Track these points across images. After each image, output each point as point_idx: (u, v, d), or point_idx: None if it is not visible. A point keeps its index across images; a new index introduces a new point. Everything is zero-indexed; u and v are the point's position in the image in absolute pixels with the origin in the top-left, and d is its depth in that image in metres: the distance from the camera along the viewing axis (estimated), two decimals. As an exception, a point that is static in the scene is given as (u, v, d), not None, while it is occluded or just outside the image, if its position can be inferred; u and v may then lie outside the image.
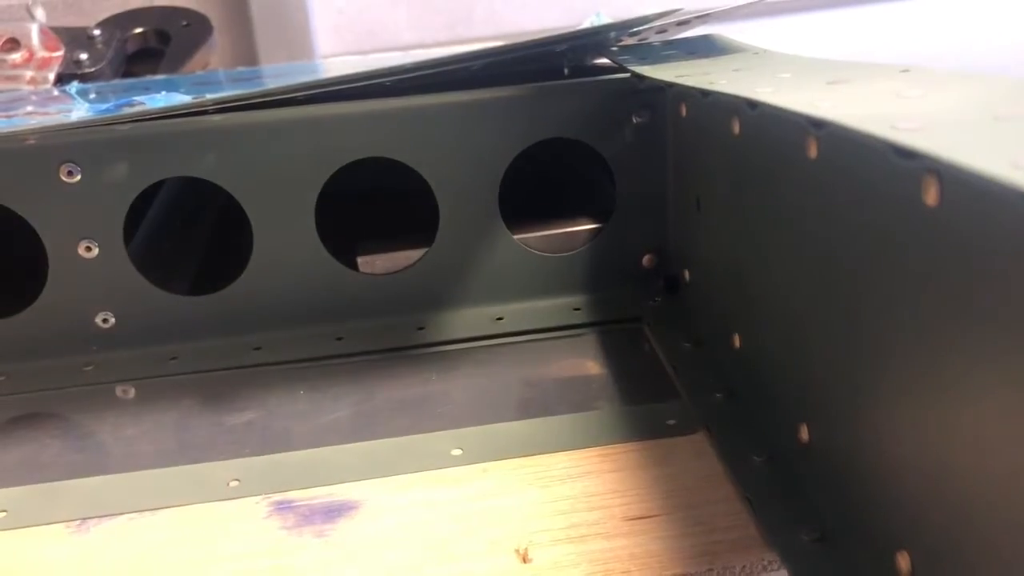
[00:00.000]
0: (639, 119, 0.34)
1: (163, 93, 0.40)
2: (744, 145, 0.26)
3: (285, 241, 0.34)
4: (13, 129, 0.29)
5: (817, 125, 0.20)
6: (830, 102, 0.21)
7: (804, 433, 0.24)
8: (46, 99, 0.53)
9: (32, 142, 0.32)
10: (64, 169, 0.33)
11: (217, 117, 0.32)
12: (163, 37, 0.77)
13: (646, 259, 0.36)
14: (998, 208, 0.14)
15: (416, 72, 0.30)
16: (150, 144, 0.33)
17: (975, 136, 0.17)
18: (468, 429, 0.29)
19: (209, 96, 0.30)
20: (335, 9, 1.03)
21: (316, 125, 0.33)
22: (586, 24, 0.31)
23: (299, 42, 1.00)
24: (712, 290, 0.32)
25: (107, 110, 0.39)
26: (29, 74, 0.69)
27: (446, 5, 1.07)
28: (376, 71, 0.30)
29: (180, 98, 0.39)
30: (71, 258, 0.34)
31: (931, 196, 0.17)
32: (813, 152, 0.22)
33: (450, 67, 0.30)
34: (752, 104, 0.23)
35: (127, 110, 0.35)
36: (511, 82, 0.34)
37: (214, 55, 0.83)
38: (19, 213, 0.33)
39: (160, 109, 0.31)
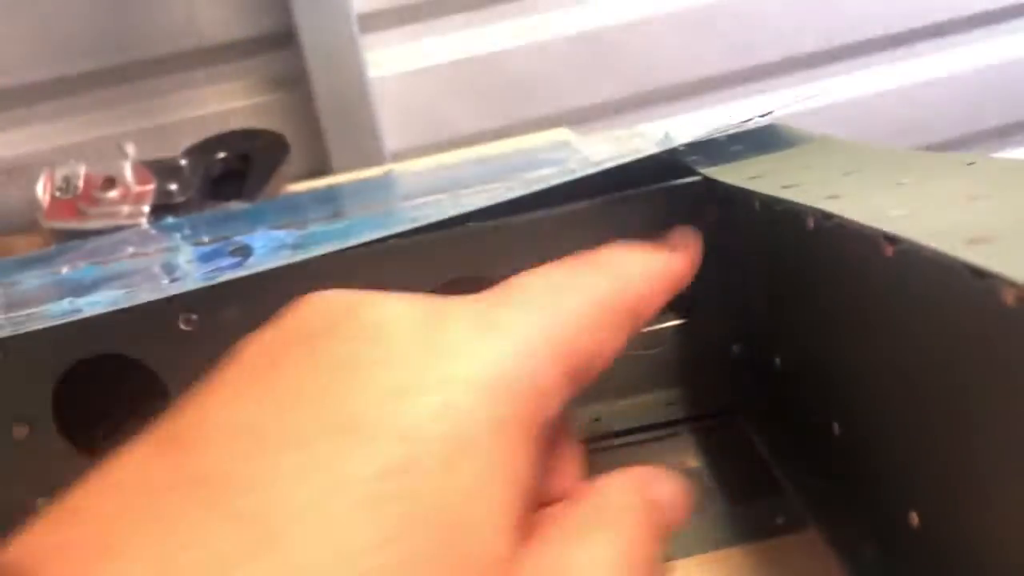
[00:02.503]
0: (713, 216, 0.35)
1: (259, 232, 0.42)
2: (821, 241, 0.27)
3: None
4: (140, 300, 0.32)
5: (891, 240, 0.21)
6: (901, 209, 0.22)
7: (914, 519, 0.25)
8: (145, 239, 0.57)
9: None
10: (183, 318, 0.35)
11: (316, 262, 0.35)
12: (244, 158, 0.81)
13: (736, 348, 0.37)
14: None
15: (493, 205, 0.32)
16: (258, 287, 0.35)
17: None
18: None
19: (308, 250, 0.32)
20: (400, 108, 1.07)
21: (409, 252, 0.35)
22: (653, 148, 0.32)
23: (369, 143, 1.04)
24: (804, 377, 0.33)
25: (211, 253, 0.42)
26: (126, 209, 0.73)
27: (506, 92, 1.10)
28: (455, 217, 0.32)
29: (275, 235, 0.42)
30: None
31: (1010, 299, 0.18)
32: (890, 251, 0.22)
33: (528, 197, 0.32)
34: (826, 216, 0.24)
35: (229, 259, 0.37)
36: (586, 188, 0.35)
37: (291, 165, 0.87)
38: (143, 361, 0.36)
39: (265, 268, 0.33)
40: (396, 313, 0.20)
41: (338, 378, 0.18)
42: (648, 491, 0.24)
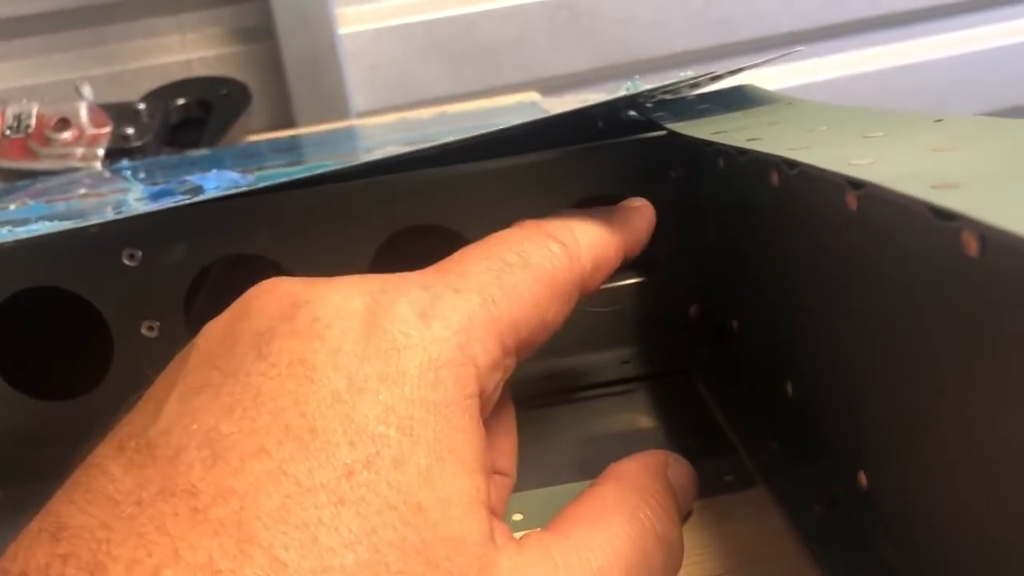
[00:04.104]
0: (677, 174, 0.35)
1: (213, 172, 0.41)
2: (784, 196, 0.27)
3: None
4: (79, 224, 0.31)
5: (855, 185, 0.21)
6: (867, 159, 0.22)
7: (863, 479, 0.24)
8: (99, 180, 0.55)
9: (95, 231, 0.33)
10: (126, 253, 0.34)
11: (268, 196, 0.33)
12: (205, 106, 0.79)
13: (693, 309, 0.37)
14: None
15: (457, 145, 0.31)
16: (206, 226, 0.34)
17: (1009, 192, 0.17)
18: (528, 492, 0.29)
19: (261, 184, 0.31)
20: (368, 66, 1.05)
21: (366, 197, 0.34)
22: (622, 91, 0.31)
23: (335, 101, 1.03)
24: (760, 338, 0.32)
25: (161, 192, 0.41)
26: (80, 151, 0.71)
27: (477, 56, 1.08)
28: (418, 151, 0.31)
29: (230, 176, 0.41)
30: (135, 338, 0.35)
31: (972, 248, 0.17)
32: (854, 205, 0.22)
33: (490, 137, 0.31)
34: (790, 164, 0.24)
35: (180, 196, 0.36)
36: (549, 142, 0.35)
37: (253, 118, 0.86)
38: (84, 296, 0.34)
39: (214, 196, 0.32)
40: (339, 308, 0.20)
41: (290, 381, 0.19)
42: (666, 474, 0.25)
